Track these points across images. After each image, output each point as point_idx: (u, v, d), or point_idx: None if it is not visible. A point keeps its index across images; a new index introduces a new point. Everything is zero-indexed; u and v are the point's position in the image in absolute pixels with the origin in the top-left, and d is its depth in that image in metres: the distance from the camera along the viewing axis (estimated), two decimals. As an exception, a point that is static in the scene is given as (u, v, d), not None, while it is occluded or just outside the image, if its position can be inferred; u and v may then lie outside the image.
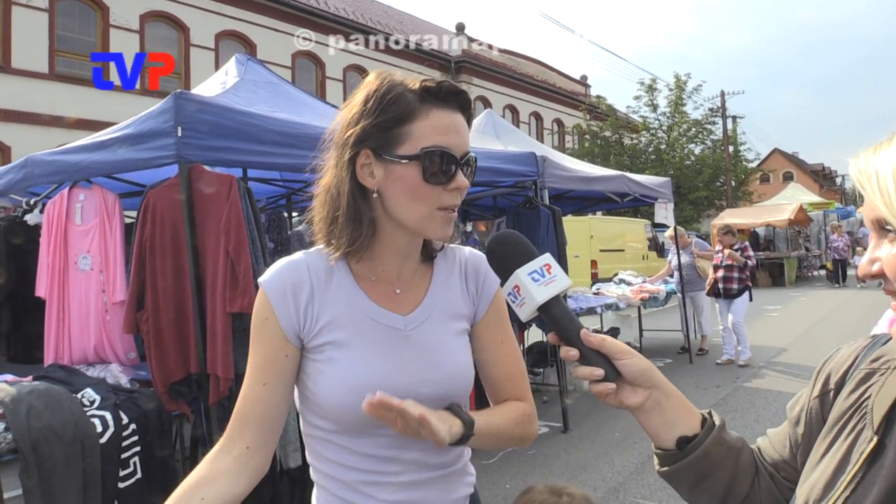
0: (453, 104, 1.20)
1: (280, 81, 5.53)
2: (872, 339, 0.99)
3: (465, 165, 1.20)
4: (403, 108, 1.16)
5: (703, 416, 1.01)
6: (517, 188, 6.61)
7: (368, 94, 1.19)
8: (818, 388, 1.00)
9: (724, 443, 0.99)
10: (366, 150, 1.18)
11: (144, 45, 16.55)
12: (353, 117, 1.20)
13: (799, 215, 22.57)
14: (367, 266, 1.27)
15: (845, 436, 0.90)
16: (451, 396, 1.25)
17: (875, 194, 0.79)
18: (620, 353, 0.98)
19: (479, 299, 1.35)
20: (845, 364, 0.98)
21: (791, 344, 10.33)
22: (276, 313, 1.21)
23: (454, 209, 1.21)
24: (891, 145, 0.80)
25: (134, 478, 3.29)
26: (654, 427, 0.99)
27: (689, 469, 0.97)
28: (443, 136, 1.17)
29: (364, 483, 1.23)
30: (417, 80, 1.20)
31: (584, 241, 14.63)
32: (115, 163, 3.83)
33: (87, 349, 4.02)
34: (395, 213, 1.20)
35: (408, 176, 1.16)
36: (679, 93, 27.26)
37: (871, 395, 0.90)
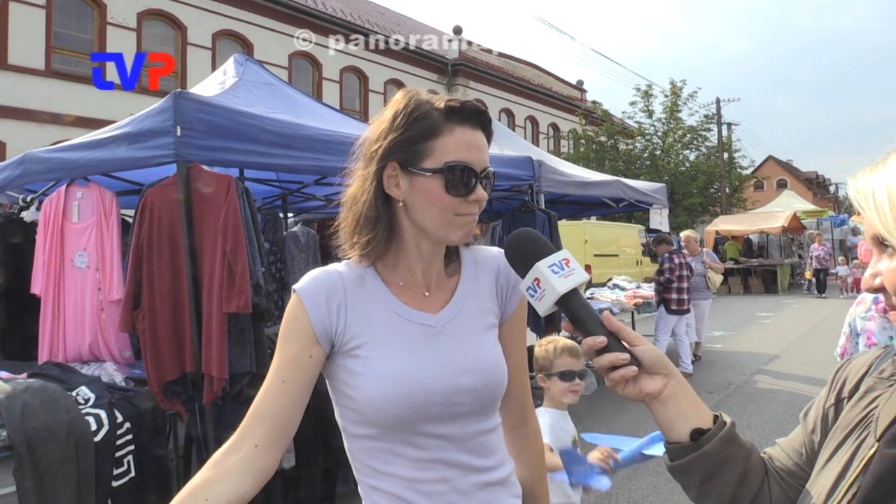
0: (475, 122, 1.29)
1: (278, 82, 5.54)
2: (885, 350, 1.01)
3: (485, 179, 1.29)
4: (429, 125, 1.25)
5: (714, 414, 1.02)
6: (513, 192, 6.63)
7: (397, 111, 1.27)
8: (833, 396, 1.02)
9: (736, 440, 1.00)
10: (392, 162, 1.26)
11: (141, 43, 16.52)
12: (382, 132, 1.28)
13: (792, 223, 22.66)
14: (395, 272, 1.33)
15: (850, 443, 0.92)
16: (490, 387, 1.31)
17: (872, 213, 0.83)
18: (636, 339, 1.01)
19: (509, 298, 1.42)
20: (859, 373, 1.00)
21: (783, 351, 10.37)
22: (307, 314, 1.25)
23: (473, 216, 1.29)
24: (885, 165, 0.84)
25: (128, 476, 3.29)
26: (670, 417, 1.00)
27: (703, 462, 0.97)
28: (465, 152, 1.25)
29: (416, 494, 1.25)
30: (443, 98, 1.28)
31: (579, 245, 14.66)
32: (114, 161, 3.84)
33: (81, 347, 4.02)
34: (419, 220, 1.28)
35: (431, 187, 1.24)
36: (674, 99, 27.36)
37: (879, 405, 0.92)
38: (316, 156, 4.06)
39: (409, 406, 1.23)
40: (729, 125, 30.88)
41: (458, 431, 1.28)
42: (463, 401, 1.27)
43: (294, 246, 6.37)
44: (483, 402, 1.31)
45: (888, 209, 0.81)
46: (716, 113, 29.54)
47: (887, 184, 0.82)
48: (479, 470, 1.30)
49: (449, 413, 1.26)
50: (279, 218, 6.52)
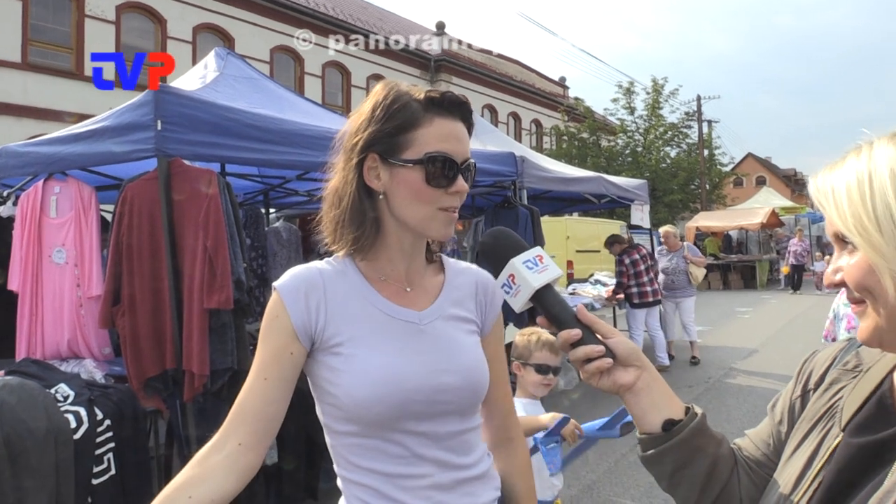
0: (455, 113, 1.28)
1: (260, 77, 5.50)
2: (849, 342, 1.04)
3: (466, 170, 1.28)
4: (409, 115, 1.24)
5: (686, 405, 1.05)
6: (496, 188, 6.64)
7: (377, 102, 1.27)
8: (799, 388, 1.05)
9: (707, 431, 1.02)
10: (373, 154, 1.26)
11: (120, 36, 16.32)
12: (362, 124, 1.27)
13: (771, 219, 22.92)
14: (376, 267, 1.33)
15: (816, 433, 0.95)
16: (472, 387, 1.32)
17: (832, 210, 0.86)
18: (610, 332, 1.03)
19: (488, 313, 1.44)
20: (824, 365, 1.04)
21: (762, 345, 10.49)
22: (287, 311, 1.24)
23: (454, 210, 1.29)
24: (844, 164, 0.87)
25: (108, 474, 3.26)
26: (643, 408, 1.02)
27: (674, 452, 0.99)
28: (445, 142, 1.25)
29: (396, 488, 1.25)
30: (423, 90, 1.28)
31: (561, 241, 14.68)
32: (92, 155, 3.80)
33: (60, 344, 3.98)
34: (400, 213, 1.27)
35: (412, 179, 1.24)
36: (656, 96, 27.51)
37: (843, 395, 0.95)
38: (298, 151, 4.04)
39: (391, 404, 1.23)
40: (709, 122, 31.12)
41: (439, 429, 1.28)
42: (445, 399, 1.28)
43: (276, 242, 6.33)
44: (465, 401, 1.31)
45: (847, 206, 0.83)
46: (696, 110, 29.75)
47: (846, 182, 0.84)
48: (458, 467, 1.31)
49: (430, 411, 1.27)
50: (261, 213, 6.49)
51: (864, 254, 0.82)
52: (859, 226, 0.81)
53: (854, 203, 0.82)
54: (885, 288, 0.80)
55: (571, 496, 4.69)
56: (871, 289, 0.83)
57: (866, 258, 0.82)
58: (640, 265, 8.53)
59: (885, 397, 0.90)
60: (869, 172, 0.82)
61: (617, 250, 8.70)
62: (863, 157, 0.84)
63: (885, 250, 0.79)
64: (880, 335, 0.85)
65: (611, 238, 8.98)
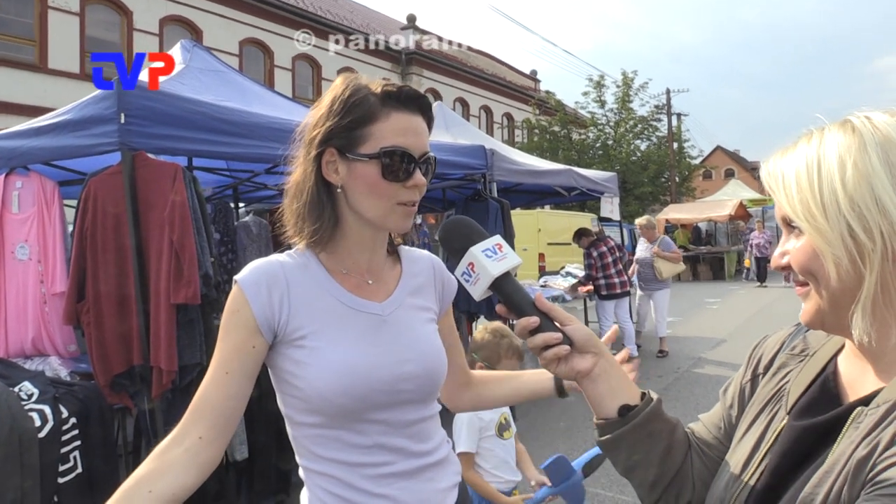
0: (413, 107, 1.29)
1: (227, 69, 5.44)
2: (797, 328, 1.07)
3: (425, 164, 1.29)
4: (366, 110, 1.25)
5: (642, 391, 1.06)
6: (466, 181, 6.65)
7: (335, 96, 1.28)
8: (749, 372, 1.08)
9: (662, 415, 1.04)
10: (331, 148, 1.27)
11: (85, 28, 15.99)
12: (321, 118, 1.28)
13: (739, 211, 23.25)
14: (337, 260, 1.34)
15: (764, 417, 0.98)
16: (431, 374, 1.34)
17: (781, 195, 0.88)
18: (567, 319, 1.04)
19: (444, 297, 1.50)
20: (773, 349, 1.07)
21: (730, 335, 10.65)
22: (249, 305, 1.24)
23: (413, 204, 1.30)
24: (795, 149, 0.89)
25: (74, 472, 3.22)
26: (600, 394, 1.03)
27: (629, 437, 1.01)
28: (401, 136, 1.25)
29: (358, 476, 1.27)
30: (381, 83, 1.28)
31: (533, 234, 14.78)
32: (55, 149, 3.73)
33: (24, 341, 3.91)
34: (358, 207, 1.28)
35: (368, 173, 1.25)
36: (626, 90, 27.72)
37: (790, 379, 0.98)
38: (266, 144, 4.00)
39: (355, 395, 1.24)
40: (679, 116, 31.48)
41: (400, 418, 1.31)
42: (406, 388, 1.30)
43: (245, 236, 6.27)
44: (425, 389, 1.34)
45: (795, 191, 0.85)
46: (666, 103, 30.06)
47: (796, 167, 0.86)
48: (418, 454, 1.33)
49: (392, 400, 1.29)
50: (230, 208, 6.41)
51: (809, 238, 0.84)
52: (806, 211, 0.83)
53: (802, 189, 0.84)
54: (827, 272, 0.83)
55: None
56: (815, 272, 0.85)
57: (811, 243, 0.84)
58: (608, 257, 8.59)
59: (829, 381, 0.93)
60: (818, 159, 0.84)
61: (585, 243, 8.75)
62: (813, 144, 0.86)
63: (830, 236, 0.81)
64: (822, 317, 0.88)
65: (578, 231, 9.02)
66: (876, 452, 0.75)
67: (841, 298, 0.83)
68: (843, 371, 0.93)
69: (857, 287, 0.81)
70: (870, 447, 0.76)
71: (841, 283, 0.82)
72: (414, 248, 1.50)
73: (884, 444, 0.75)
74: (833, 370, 0.94)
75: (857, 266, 0.80)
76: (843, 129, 0.85)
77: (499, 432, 2.80)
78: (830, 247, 0.81)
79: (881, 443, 0.76)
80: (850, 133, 0.84)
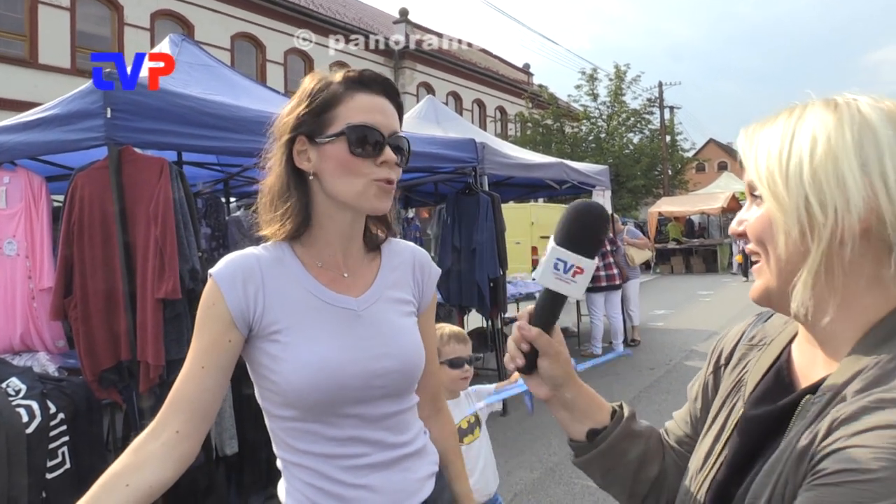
0: (377, 89, 1.31)
1: (216, 64, 5.40)
2: (756, 318, 1.08)
3: (396, 145, 1.30)
4: (330, 95, 1.28)
5: (613, 408, 1.07)
6: (458, 174, 6.65)
7: (303, 90, 1.32)
8: (712, 365, 1.09)
9: (632, 433, 1.05)
10: (300, 136, 1.29)
11: (76, 23, 15.90)
12: (290, 109, 1.32)
13: (731, 203, 23.31)
14: (313, 252, 1.34)
15: (725, 409, 0.98)
16: (407, 369, 1.35)
17: (750, 161, 0.87)
18: (545, 354, 1.00)
19: (424, 291, 1.47)
20: (733, 341, 1.07)
21: (723, 327, 10.51)
22: (224, 299, 1.24)
23: (390, 182, 1.29)
24: (775, 121, 0.88)
25: (63, 468, 3.22)
26: (563, 421, 1.06)
27: (599, 459, 1.03)
28: (366, 114, 1.27)
29: (335, 468, 1.28)
30: (343, 72, 1.32)
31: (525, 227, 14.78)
32: (42, 144, 3.71)
33: (12, 337, 3.90)
34: (332, 190, 1.28)
35: (337, 152, 1.26)
36: (618, 83, 27.71)
37: (749, 370, 0.98)
38: (255, 138, 3.90)
39: (329, 391, 1.25)
40: (671, 109, 31.50)
41: (375, 412, 1.31)
42: (380, 384, 1.30)
43: (237, 230, 6.25)
44: (400, 384, 1.34)
45: (764, 159, 0.85)
46: (658, 96, 30.07)
47: (770, 137, 0.86)
48: (394, 445, 1.34)
49: (365, 396, 1.29)
50: (221, 202, 6.39)
51: (767, 207, 0.84)
52: (770, 179, 0.83)
53: (771, 157, 0.84)
54: (777, 242, 0.83)
55: (534, 479, 4.75)
56: (766, 242, 0.85)
57: (768, 212, 0.84)
58: None
59: (783, 369, 0.93)
60: (793, 131, 0.84)
61: None
62: (793, 117, 0.86)
63: (787, 205, 0.81)
64: (769, 294, 0.87)
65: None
66: (815, 442, 0.75)
67: (786, 271, 0.83)
68: (795, 359, 0.92)
69: (801, 260, 0.81)
70: (811, 437, 0.76)
71: (787, 254, 0.82)
72: (399, 240, 1.49)
73: (822, 433, 0.75)
74: (787, 358, 0.94)
75: (805, 239, 0.80)
76: (826, 106, 0.84)
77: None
78: (785, 216, 0.81)
79: (820, 432, 0.75)
80: (832, 111, 0.83)
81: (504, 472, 4.56)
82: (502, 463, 2.82)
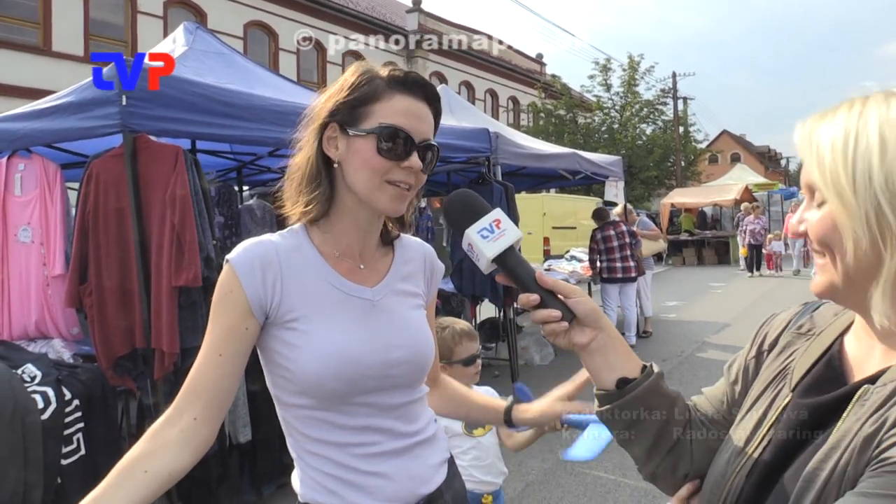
0: (419, 93, 1.31)
1: (230, 52, 5.41)
2: (804, 307, 1.07)
3: (425, 151, 1.29)
4: (371, 90, 1.28)
5: (643, 364, 1.07)
6: (471, 164, 6.62)
7: (345, 79, 1.31)
8: (754, 349, 1.08)
9: (661, 389, 1.04)
10: (333, 123, 1.29)
11: (89, 10, 15.92)
12: (329, 96, 1.31)
13: (744, 195, 23.14)
14: (331, 241, 1.34)
15: (769, 393, 0.98)
16: (419, 359, 1.36)
17: (812, 160, 0.85)
18: (572, 292, 1.05)
19: (431, 287, 1.50)
20: (779, 328, 1.06)
21: (734, 319, 10.64)
22: (242, 286, 1.24)
23: (408, 187, 1.29)
24: (835, 116, 0.85)
25: (77, 454, 3.24)
26: (597, 367, 1.05)
27: (626, 409, 1.02)
28: (402, 117, 1.27)
29: (349, 456, 1.29)
30: (389, 69, 1.31)
31: (538, 218, 14.73)
32: (57, 131, 3.71)
33: (27, 324, 3.92)
34: (351, 183, 1.28)
35: (364, 148, 1.26)
36: (632, 73, 27.50)
37: (795, 358, 0.98)
38: (269, 127, 3.98)
39: (345, 380, 1.25)
40: (685, 100, 31.27)
41: (389, 401, 1.32)
42: (395, 374, 1.31)
43: (250, 219, 6.25)
44: (413, 374, 1.36)
45: (828, 159, 0.82)
46: (672, 87, 29.85)
47: (832, 135, 0.83)
48: (406, 434, 1.35)
49: (381, 385, 1.30)
50: (234, 191, 6.39)
51: (831, 210, 0.82)
52: (835, 181, 0.80)
53: (836, 158, 0.81)
54: (845, 248, 0.81)
55: (546, 469, 4.75)
56: (832, 245, 0.83)
57: (832, 215, 0.81)
58: (613, 241, 8.55)
59: (834, 360, 0.93)
60: (857, 130, 0.81)
61: (597, 223, 8.76)
62: (854, 113, 0.83)
63: (855, 212, 0.78)
64: (833, 291, 0.86)
65: (595, 210, 9.04)
66: (883, 429, 0.75)
67: (855, 276, 0.82)
68: (849, 350, 0.92)
69: (874, 267, 0.79)
70: (877, 424, 0.76)
71: (857, 261, 0.80)
72: (408, 236, 1.51)
73: (891, 422, 0.75)
74: (839, 349, 0.93)
75: (877, 247, 0.78)
76: (889, 101, 0.81)
77: (466, 430, 2.61)
78: (852, 223, 0.79)
79: (888, 420, 0.75)
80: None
81: (516, 461, 4.56)
82: (514, 453, 2.80)
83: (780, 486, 0.85)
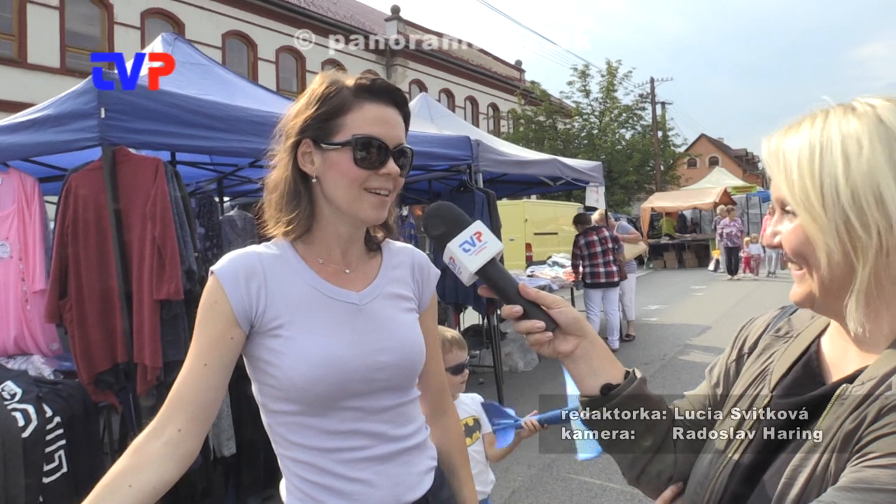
0: (387, 99, 1.32)
1: (209, 63, 5.38)
2: (781, 311, 1.10)
3: (399, 155, 1.31)
4: (339, 102, 1.29)
5: (626, 370, 1.09)
6: (452, 172, 6.64)
7: (313, 90, 1.32)
8: (735, 352, 1.11)
9: (643, 395, 1.06)
10: (306, 139, 1.30)
11: (65, 22, 15.79)
12: (298, 111, 1.32)
13: (723, 198, 23.38)
14: (314, 251, 1.35)
15: (749, 395, 1.00)
16: (408, 363, 1.35)
17: (780, 176, 0.87)
18: (555, 302, 1.06)
19: (423, 291, 1.49)
20: (758, 331, 1.09)
21: (715, 322, 10.72)
22: (227, 296, 1.24)
23: (386, 193, 1.30)
24: (798, 130, 0.87)
25: (59, 472, 3.20)
26: (582, 374, 1.07)
27: (608, 415, 1.03)
28: (374, 126, 1.28)
29: (332, 462, 1.28)
30: (355, 77, 1.32)
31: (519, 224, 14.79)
32: (34, 145, 3.67)
33: (6, 341, 3.86)
34: (331, 196, 1.30)
35: (341, 160, 1.27)
36: (610, 79, 27.72)
37: (774, 360, 1.01)
38: (248, 138, 3.96)
39: (331, 384, 1.25)
40: (663, 104, 31.56)
41: (376, 404, 1.32)
42: (381, 377, 1.31)
43: (231, 230, 6.21)
44: (401, 377, 1.35)
45: (795, 175, 0.85)
46: (650, 92, 30.12)
47: (798, 149, 0.86)
48: (395, 438, 1.34)
49: (368, 388, 1.30)
50: (214, 202, 6.35)
51: (802, 223, 0.84)
52: (804, 197, 0.83)
53: (803, 173, 0.84)
54: (819, 260, 0.84)
55: (532, 475, 4.76)
56: (806, 257, 0.86)
57: (804, 228, 0.84)
58: (596, 247, 8.65)
59: (812, 361, 0.95)
60: (821, 145, 0.83)
61: (578, 229, 8.87)
62: (817, 127, 0.85)
63: (825, 225, 0.81)
64: (811, 300, 0.89)
65: (576, 216, 9.17)
66: (863, 426, 0.77)
67: (831, 286, 0.85)
68: (826, 352, 0.95)
69: (847, 277, 0.82)
70: (857, 421, 0.79)
71: (831, 272, 0.83)
72: (397, 242, 1.50)
73: (871, 418, 0.77)
74: (816, 351, 0.96)
75: (849, 258, 0.81)
76: (848, 116, 0.84)
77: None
78: (823, 236, 0.82)
79: (868, 417, 0.78)
80: (857, 121, 0.82)
81: (502, 468, 4.57)
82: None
83: (762, 486, 0.87)
